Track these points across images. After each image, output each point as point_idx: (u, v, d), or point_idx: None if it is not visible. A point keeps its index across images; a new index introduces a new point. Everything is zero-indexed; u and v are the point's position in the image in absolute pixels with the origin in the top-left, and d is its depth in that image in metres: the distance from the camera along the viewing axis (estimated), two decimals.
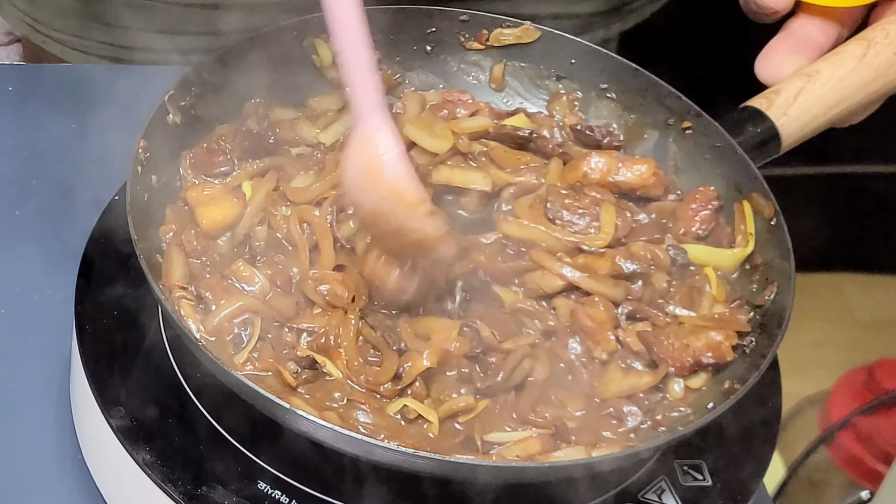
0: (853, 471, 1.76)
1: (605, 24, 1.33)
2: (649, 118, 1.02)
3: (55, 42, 1.27)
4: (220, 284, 0.87)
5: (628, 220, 0.94)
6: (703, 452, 0.88)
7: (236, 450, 0.84)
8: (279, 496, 0.82)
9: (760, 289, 0.91)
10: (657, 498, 0.85)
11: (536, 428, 0.82)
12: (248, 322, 0.85)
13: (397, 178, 0.80)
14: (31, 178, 1.08)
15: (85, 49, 1.26)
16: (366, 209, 0.82)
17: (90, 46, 1.26)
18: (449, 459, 0.76)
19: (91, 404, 0.85)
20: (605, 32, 1.33)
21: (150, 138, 0.91)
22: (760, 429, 0.90)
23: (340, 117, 0.97)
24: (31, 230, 1.04)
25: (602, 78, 1.04)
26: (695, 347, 0.86)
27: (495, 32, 1.05)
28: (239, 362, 0.83)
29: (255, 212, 0.91)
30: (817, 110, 0.97)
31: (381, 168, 0.80)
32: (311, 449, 0.78)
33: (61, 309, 0.96)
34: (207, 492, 0.81)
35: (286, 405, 0.75)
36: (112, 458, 0.84)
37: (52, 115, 1.13)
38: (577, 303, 0.89)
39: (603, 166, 0.97)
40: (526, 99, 1.07)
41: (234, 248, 0.90)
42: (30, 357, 0.95)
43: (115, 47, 1.25)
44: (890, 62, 0.98)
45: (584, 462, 0.80)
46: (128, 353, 0.88)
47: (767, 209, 0.93)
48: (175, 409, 0.85)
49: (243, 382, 0.76)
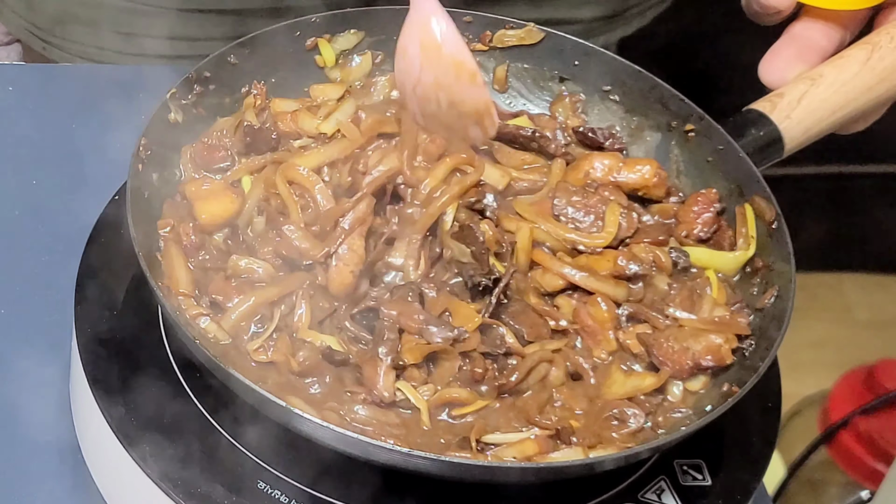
0: (853, 471, 1.76)
1: (607, 30, 1.33)
2: (652, 120, 1.02)
3: (55, 48, 1.27)
4: (228, 285, 0.87)
5: (634, 220, 0.94)
6: (703, 452, 0.88)
7: (235, 448, 0.83)
8: (278, 495, 0.82)
9: (761, 292, 0.91)
10: (657, 497, 0.85)
11: (540, 429, 0.82)
12: (265, 318, 0.85)
13: (458, 51, 0.87)
14: (31, 178, 1.08)
15: (84, 55, 1.26)
16: (426, 85, 0.89)
17: (90, 52, 1.26)
18: (445, 459, 0.76)
19: (90, 403, 0.85)
20: (608, 38, 1.33)
21: (151, 136, 0.91)
22: (760, 428, 0.90)
23: (341, 107, 0.97)
24: (30, 229, 1.04)
25: (605, 80, 1.04)
26: (694, 350, 0.86)
27: (499, 34, 1.05)
28: (252, 349, 0.83)
29: (254, 205, 0.91)
30: (821, 114, 0.97)
31: (442, 44, 0.87)
32: (311, 448, 0.78)
33: (61, 308, 0.96)
34: (206, 491, 0.81)
35: (283, 404, 0.75)
36: (111, 456, 0.84)
37: (52, 115, 1.13)
38: (579, 302, 0.90)
39: (605, 167, 0.97)
40: (529, 100, 1.07)
41: (229, 241, 0.90)
42: (30, 356, 0.95)
43: (115, 53, 1.25)
44: (894, 66, 0.98)
45: (580, 463, 0.80)
46: (127, 352, 0.88)
47: (769, 213, 0.93)
48: (174, 408, 0.85)
49: (241, 380, 0.76)
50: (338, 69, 1.03)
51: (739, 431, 0.89)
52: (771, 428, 0.91)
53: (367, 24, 1.03)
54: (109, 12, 1.23)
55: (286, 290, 0.86)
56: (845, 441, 1.75)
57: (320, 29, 1.02)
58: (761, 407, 0.92)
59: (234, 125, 0.96)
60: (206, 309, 0.85)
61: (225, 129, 0.96)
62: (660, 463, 0.87)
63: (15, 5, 1.27)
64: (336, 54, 1.03)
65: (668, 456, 0.87)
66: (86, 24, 1.24)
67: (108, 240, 0.93)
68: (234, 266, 0.87)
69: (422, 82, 0.88)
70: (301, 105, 0.98)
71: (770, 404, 0.92)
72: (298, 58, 1.02)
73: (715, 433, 0.87)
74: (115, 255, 0.92)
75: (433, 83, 0.88)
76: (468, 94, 0.88)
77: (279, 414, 0.77)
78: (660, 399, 0.86)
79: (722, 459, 0.88)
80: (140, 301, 0.90)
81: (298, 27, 1.01)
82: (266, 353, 0.83)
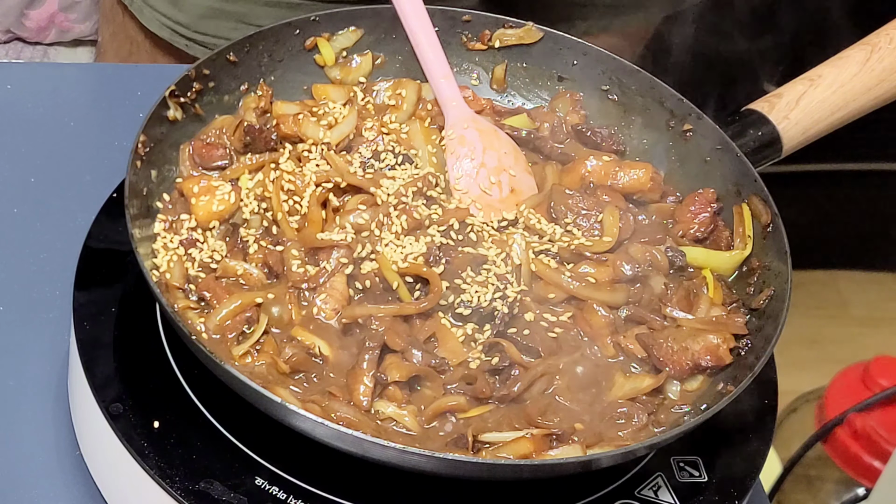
0: (849, 467, 1.76)
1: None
2: (650, 120, 1.02)
3: (199, 45, 1.28)
4: (219, 284, 0.87)
5: (630, 223, 0.94)
6: (700, 449, 0.88)
7: (234, 446, 0.84)
8: (276, 492, 0.82)
9: (757, 291, 0.91)
10: (654, 494, 0.85)
11: (540, 430, 0.82)
12: (252, 320, 0.85)
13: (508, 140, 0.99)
14: (30, 176, 1.08)
15: None
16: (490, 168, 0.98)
17: None
18: (440, 456, 0.77)
19: (89, 400, 0.85)
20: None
21: (150, 133, 0.91)
22: (757, 425, 0.91)
23: (346, 118, 0.97)
24: (29, 227, 1.04)
25: (603, 79, 1.04)
26: (693, 351, 0.86)
27: (498, 33, 1.05)
28: (238, 354, 0.83)
29: (249, 203, 0.92)
30: (819, 114, 0.97)
31: (497, 129, 1.00)
32: (308, 445, 0.78)
33: (60, 306, 0.97)
34: (205, 487, 0.81)
35: (274, 397, 0.76)
36: (110, 453, 0.84)
37: (51, 114, 1.13)
38: (577, 309, 0.90)
39: (600, 170, 0.97)
40: (528, 100, 1.07)
41: (227, 238, 0.90)
42: (28, 354, 0.95)
43: None
44: (893, 67, 0.98)
45: (576, 461, 0.80)
46: (125, 349, 0.88)
47: (766, 214, 0.93)
48: (172, 406, 0.85)
49: (235, 375, 0.76)
50: (337, 68, 1.03)
51: (736, 428, 0.90)
52: (767, 425, 0.91)
53: (367, 22, 1.03)
54: (257, 6, 1.25)
55: (274, 295, 0.87)
56: (841, 438, 1.75)
57: (320, 27, 1.02)
58: (758, 404, 0.92)
59: (233, 124, 0.96)
60: (193, 303, 0.86)
61: (224, 126, 0.96)
62: (657, 460, 0.87)
63: (158, 4, 1.29)
64: (336, 53, 1.03)
65: (664, 453, 0.88)
66: (233, 19, 1.26)
67: (107, 237, 0.93)
68: (224, 267, 0.88)
69: (485, 165, 0.95)
70: (303, 108, 0.98)
71: (766, 401, 0.92)
72: (298, 56, 1.02)
73: (711, 430, 0.88)
74: (114, 253, 0.92)
75: (497, 165, 0.96)
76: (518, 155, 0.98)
77: (274, 409, 0.77)
78: (660, 399, 0.86)
79: (718, 456, 0.88)
80: (139, 298, 0.90)
81: (298, 25, 1.01)
82: (252, 356, 0.84)
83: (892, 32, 0.99)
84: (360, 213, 0.90)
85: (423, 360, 0.84)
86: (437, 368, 0.84)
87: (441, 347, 0.86)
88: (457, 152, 0.97)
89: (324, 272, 0.87)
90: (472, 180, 0.96)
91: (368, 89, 1.02)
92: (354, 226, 0.89)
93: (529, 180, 0.98)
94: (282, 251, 0.88)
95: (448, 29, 1.04)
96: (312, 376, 0.84)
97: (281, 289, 0.87)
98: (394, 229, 0.90)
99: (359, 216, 0.90)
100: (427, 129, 0.99)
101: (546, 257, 0.91)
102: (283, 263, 0.88)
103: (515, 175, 0.97)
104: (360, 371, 0.83)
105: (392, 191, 0.92)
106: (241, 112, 0.98)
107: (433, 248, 0.88)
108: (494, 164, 0.97)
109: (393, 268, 0.87)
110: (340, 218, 0.90)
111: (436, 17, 1.03)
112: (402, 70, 1.04)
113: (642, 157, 1.01)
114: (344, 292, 0.87)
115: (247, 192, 0.92)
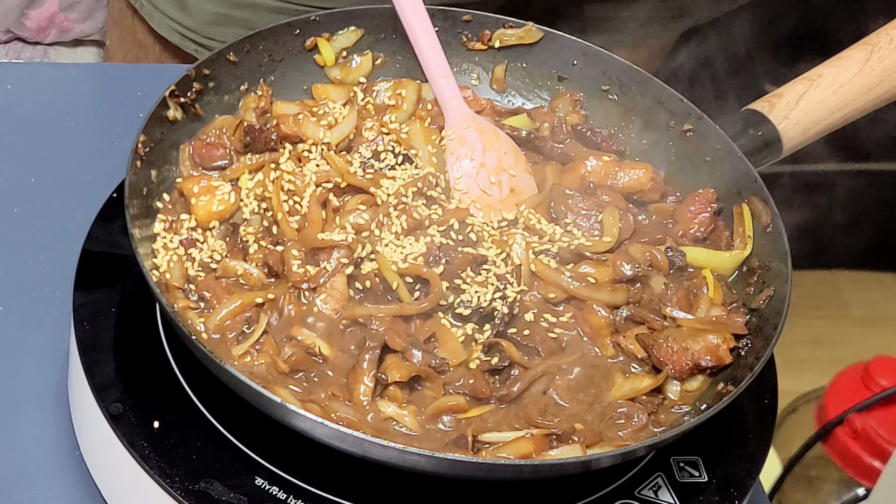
0: (849, 467, 1.76)
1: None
2: (650, 120, 1.02)
3: (207, 50, 1.28)
4: (219, 284, 0.87)
5: (630, 223, 0.94)
6: (700, 449, 0.88)
7: (233, 446, 0.84)
8: (276, 492, 0.82)
9: (757, 292, 0.91)
10: (654, 494, 0.85)
11: (540, 430, 0.82)
12: (252, 320, 0.86)
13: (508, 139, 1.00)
14: (30, 176, 1.08)
15: None
16: (490, 168, 0.98)
17: None
18: (440, 456, 0.77)
19: (89, 400, 0.85)
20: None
21: (150, 133, 0.91)
22: (757, 425, 0.91)
23: (346, 118, 0.98)
24: (29, 227, 1.04)
25: (603, 79, 1.04)
26: (693, 351, 0.86)
27: (498, 33, 1.05)
28: (238, 354, 0.84)
29: (249, 203, 0.92)
30: (819, 114, 0.97)
31: (497, 129, 1.00)
32: (308, 445, 0.79)
33: (59, 306, 0.97)
34: (205, 487, 0.81)
35: (274, 397, 0.76)
36: (109, 453, 0.84)
37: (51, 114, 1.13)
38: (577, 308, 0.90)
39: (600, 170, 0.97)
40: (528, 100, 1.07)
41: (227, 238, 0.90)
42: (28, 354, 0.95)
43: None
44: (893, 67, 0.98)
45: (576, 460, 0.80)
46: (125, 349, 0.88)
47: (766, 215, 0.93)
48: (172, 406, 0.85)
49: (235, 375, 0.77)
50: (338, 68, 1.03)
51: (736, 428, 0.90)
52: (767, 425, 0.91)
53: (367, 22, 1.03)
54: (264, 13, 1.25)
55: (273, 296, 0.87)
56: (841, 438, 1.75)
57: (320, 28, 1.02)
58: (758, 404, 0.92)
59: (233, 124, 0.96)
60: (193, 303, 0.86)
61: (224, 126, 0.96)
62: (657, 460, 0.87)
63: (168, 9, 1.30)
64: (336, 53, 1.03)
65: (664, 453, 0.88)
66: (240, 26, 1.26)
67: (107, 237, 0.93)
68: (224, 267, 0.88)
69: (485, 165, 0.95)
70: (303, 109, 0.99)
71: (766, 401, 0.92)
72: (298, 56, 1.02)
73: (711, 430, 0.87)
74: (114, 253, 0.92)
75: (497, 165, 0.96)
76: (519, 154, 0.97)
77: (274, 409, 0.77)
78: (660, 399, 0.87)
79: (718, 456, 0.88)
80: (139, 298, 0.90)
81: (298, 25, 1.01)
82: (252, 356, 0.84)
83: (892, 32, 0.99)
84: (360, 214, 0.90)
85: (423, 361, 0.84)
86: (437, 368, 0.84)
87: (441, 347, 0.86)
88: (457, 152, 0.97)
89: (324, 272, 0.87)
90: (472, 180, 0.96)
91: (368, 89, 1.02)
92: (354, 226, 0.89)
93: (529, 180, 0.98)
94: (282, 251, 0.88)
95: (448, 29, 1.05)
96: (312, 376, 0.84)
97: (281, 289, 0.87)
98: (394, 229, 0.90)
99: (359, 216, 0.90)
100: (427, 129, 0.99)
101: (546, 257, 0.91)
102: (283, 263, 0.88)
103: (515, 175, 0.97)
104: (360, 371, 0.83)
105: (392, 191, 0.92)
106: (241, 112, 0.99)
107: (433, 248, 0.89)
108: (494, 164, 0.97)
109: (393, 268, 0.87)
110: (340, 218, 0.90)
111: (436, 17, 1.03)
112: (402, 70, 1.04)
113: (642, 157, 1.01)
114: (344, 292, 0.87)
115: (247, 192, 0.92)
